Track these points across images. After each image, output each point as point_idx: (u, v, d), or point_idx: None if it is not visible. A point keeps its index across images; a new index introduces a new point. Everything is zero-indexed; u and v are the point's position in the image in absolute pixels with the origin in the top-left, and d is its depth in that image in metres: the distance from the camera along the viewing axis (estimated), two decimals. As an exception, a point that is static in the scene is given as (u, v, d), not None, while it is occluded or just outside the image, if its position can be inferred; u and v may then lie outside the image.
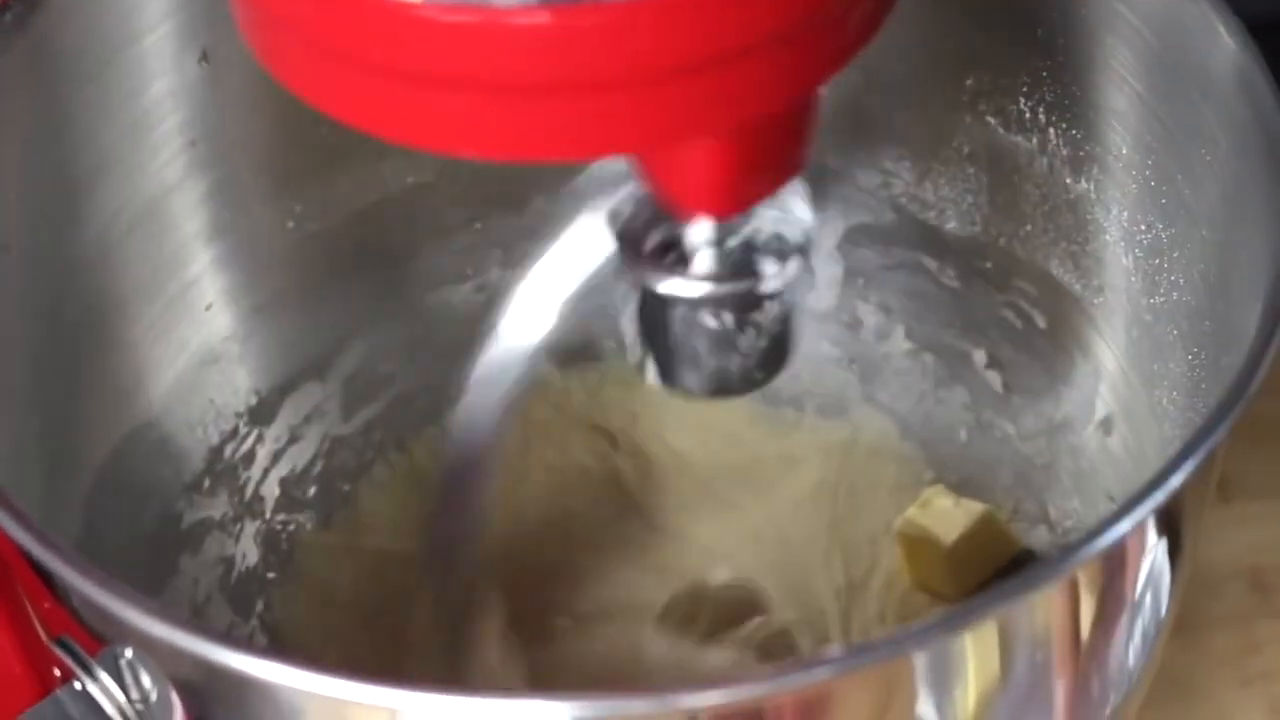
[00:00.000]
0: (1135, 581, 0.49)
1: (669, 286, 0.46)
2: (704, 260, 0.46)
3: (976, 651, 0.46)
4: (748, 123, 0.40)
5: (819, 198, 0.70)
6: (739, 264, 0.46)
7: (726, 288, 0.46)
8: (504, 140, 0.39)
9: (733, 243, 0.46)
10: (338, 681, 0.42)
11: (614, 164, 0.45)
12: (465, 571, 0.54)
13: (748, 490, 0.71)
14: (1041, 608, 0.47)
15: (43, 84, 0.58)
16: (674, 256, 0.46)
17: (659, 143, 0.40)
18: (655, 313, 0.47)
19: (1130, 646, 0.51)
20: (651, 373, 0.48)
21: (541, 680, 0.64)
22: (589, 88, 0.38)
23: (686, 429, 0.72)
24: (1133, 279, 0.62)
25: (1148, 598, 0.50)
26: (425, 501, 0.70)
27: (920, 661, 0.45)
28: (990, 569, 0.66)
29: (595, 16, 0.37)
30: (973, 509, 0.66)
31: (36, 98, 0.58)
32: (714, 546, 0.69)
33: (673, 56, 0.38)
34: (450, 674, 0.57)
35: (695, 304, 0.46)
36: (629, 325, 0.48)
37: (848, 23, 0.41)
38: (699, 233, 0.45)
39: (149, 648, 0.45)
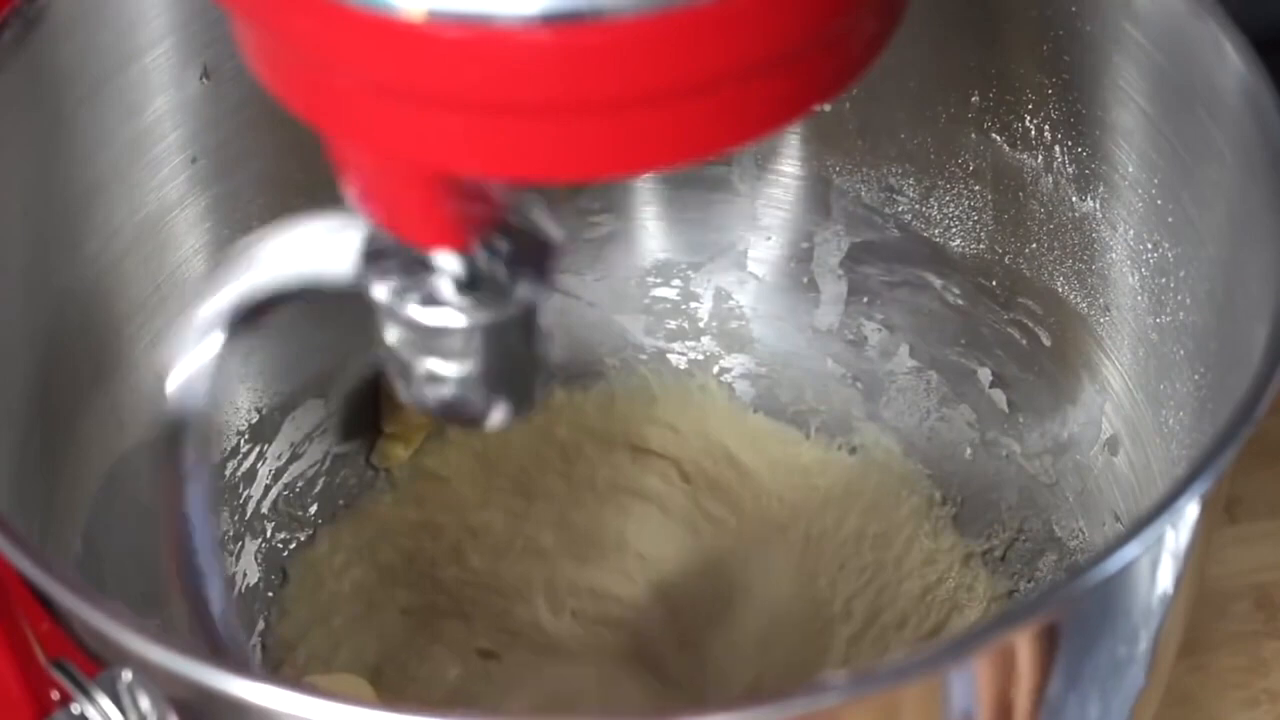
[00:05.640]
0: (1143, 602, 0.49)
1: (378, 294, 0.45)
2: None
3: (984, 674, 0.45)
4: (748, 145, 0.40)
5: (823, 213, 0.71)
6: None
7: (408, 311, 0.45)
8: (505, 159, 0.39)
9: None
10: (336, 706, 0.42)
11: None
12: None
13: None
14: (1051, 629, 0.47)
15: (42, 101, 0.58)
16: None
17: (656, 166, 0.40)
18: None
19: (1138, 667, 0.51)
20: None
21: None
22: (592, 108, 0.38)
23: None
24: (1139, 298, 0.61)
25: (1155, 618, 0.50)
26: (427, 518, 0.70)
27: (925, 687, 0.44)
28: None
29: (598, 36, 0.37)
30: None
31: (36, 115, 0.58)
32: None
33: (675, 78, 0.37)
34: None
35: (396, 319, 0.45)
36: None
37: (851, 42, 0.40)
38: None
39: (148, 671, 0.45)
